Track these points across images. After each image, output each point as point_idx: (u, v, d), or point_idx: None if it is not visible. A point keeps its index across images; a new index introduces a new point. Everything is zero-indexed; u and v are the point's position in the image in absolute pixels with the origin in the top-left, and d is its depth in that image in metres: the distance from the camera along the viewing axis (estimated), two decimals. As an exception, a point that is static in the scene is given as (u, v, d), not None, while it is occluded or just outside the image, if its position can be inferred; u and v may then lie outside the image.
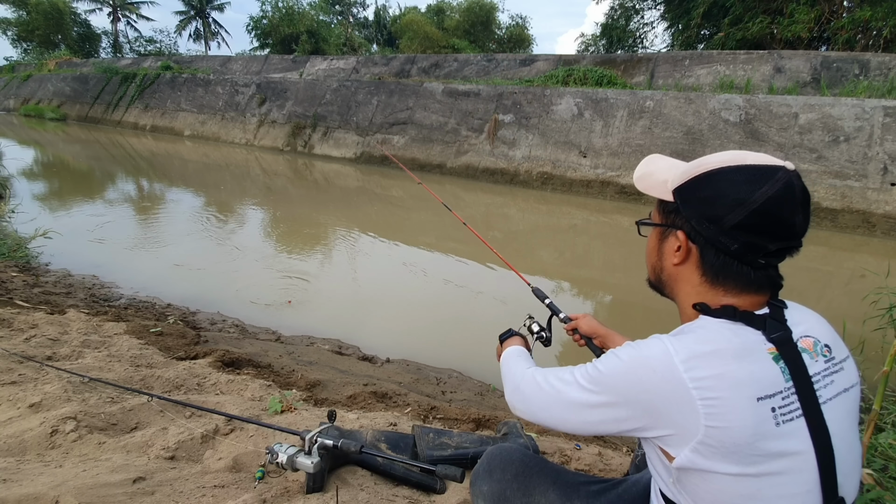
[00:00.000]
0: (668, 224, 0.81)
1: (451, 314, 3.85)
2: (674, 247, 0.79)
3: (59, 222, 5.68)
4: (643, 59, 10.84)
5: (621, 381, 0.73)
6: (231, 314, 3.51)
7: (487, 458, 1.03)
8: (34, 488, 1.19)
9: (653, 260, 0.87)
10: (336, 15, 30.67)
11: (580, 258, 5.78)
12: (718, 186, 0.72)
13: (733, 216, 0.70)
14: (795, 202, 0.69)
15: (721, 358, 0.68)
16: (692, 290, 0.78)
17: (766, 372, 0.68)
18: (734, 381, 0.66)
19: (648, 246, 0.88)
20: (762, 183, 0.69)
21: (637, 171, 0.90)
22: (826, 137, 7.32)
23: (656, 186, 0.83)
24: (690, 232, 0.76)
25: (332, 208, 7.69)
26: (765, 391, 0.66)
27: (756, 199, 0.68)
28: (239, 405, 1.85)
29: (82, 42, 33.90)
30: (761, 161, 0.71)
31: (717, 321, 0.73)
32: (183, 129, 15.85)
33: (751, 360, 0.68)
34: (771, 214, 0.69)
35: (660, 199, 0.83)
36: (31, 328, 2.45)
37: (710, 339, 0.70)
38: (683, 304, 0.81)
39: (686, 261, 0.78)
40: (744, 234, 0.70)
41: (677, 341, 0.71)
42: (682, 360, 0.68)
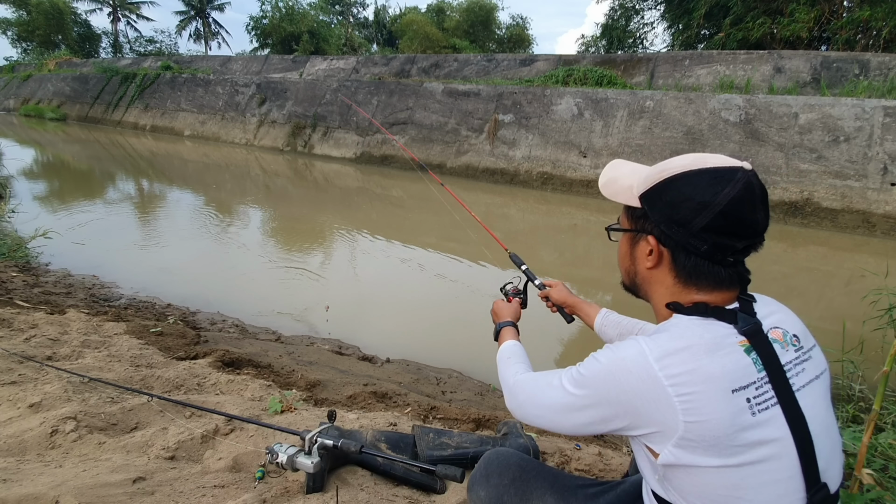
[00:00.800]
0: (638, 229, 0.83)
1: (451, 314, 3.85)
2: (645, 251, 0.81)
3: (59, 222, 5.68)
4: (643, 59, 10.84)
5: (602, 383, 0.75)
6: (231, 314, 3.51)
7: (484, 463, 1.03)
8: (34, 488, 1.19)
9: (626, 264, 0.89)
10: (336, 15, 30.68)
11: (580, 258, 5.78)
12: (682, 191, 0.74)
13: (700, 219, 0.72)
14: (756, 201, 0.72)
15: (693, 353, 0.69)
16: (665, 290, 0.80)
17: (738, 364, 0.69)
18: (707, 376, 0.68)
19: (620, 251, 0.90)
20: (723, 185, 0.71)
21: (602, 177, 0.92)
22: (826, 137, 7.32)
23: (622, 192, 0.85)
24: (660, 236, 0.78)
25: (332, 208, 7.69)
26: (738, 383, 0.68)
27: (720, 200, 0.71)
28: (239, 405, 1.85)
29: (82, 42, 33.88)
30: (720, 163, 0.74)
31: (689, 318, 0.75)
32: (183, 129, 15.85)
33: (722, 354, 0.70)
34: (734, 215, 0.71)
35: (627, 204, 0.85)
36: (31, 328, 2.44)
37: (682, 335, 0.72)
38: (658, 304, 0.83)
39: (659, 264, 0.80)
40: (712, 236, 0.72)
41: (651, 341, 0.73)
42: (656, 358, 0.70)
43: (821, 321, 3.82)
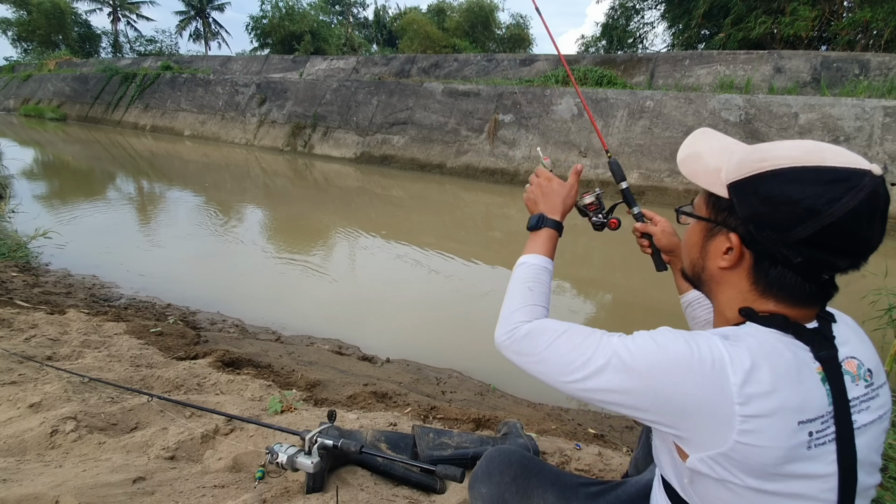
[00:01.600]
0: (719, 222, 0.70)
1: (451, 314, 3.85)
2: (722, 248, 0.70)
3: (59, 222, 5.68)
4: (643, 59, 10.84)
5: (656, 373, 0.64)
6: (231, 314, 3.51)
7: (486, 461, 1.01)
8: (34, 488, 1.19)
9: (693, 255, 0.77)
10: (336, 15, 30.69)
11: (580, 258, 5.78)
12: (787, 190, 0.61)
13: (802, 229, 0.60)
14: (876, 214, 0.59)
15: (774, 375, 0.61)
16: (737, 295, 0.70)
17: (814, 394, 0.62)
18: (782, 403, 0.60)
19: (689, 239, 0.78)
20: (843, 192, 0.58)
21: (683, 149, 0.78)
22: (826, 137, 7.32)
23: (706, 174, 0.72)
24: (746, 236, 0.67)
25: (332, 208, 7.69)
26: (807, 415, 0.61)
27: (833, 211, 0.58)
28: (239, 405, 1.85)
29: (83, 42, 33.89)
30: (843, 162, 0.60)
31: (768, 331, 0.65)
32: (183, 129, 15.85)
33: (802, 381, 0.62)
34: (847, 230, 0.59)
35: (708, 190, 0.72)
36: (31, 328, 2.45)
37: (764, 352, 0.63)
38: (723, 306, 0.73)
39: (736, 266, 0.69)
40: (811, 249, 0.61)
41: (731, 348, 0.63)
42: (735, 370, 0.61)
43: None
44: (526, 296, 0.86)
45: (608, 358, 0.68)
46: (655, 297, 4.35)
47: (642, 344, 0.67)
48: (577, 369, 0.70)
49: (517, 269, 0.92)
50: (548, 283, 0.90)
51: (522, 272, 0.91)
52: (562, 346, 0.74)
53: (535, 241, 0.96)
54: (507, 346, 0.81)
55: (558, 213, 1.02)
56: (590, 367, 0.69)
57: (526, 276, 0.90)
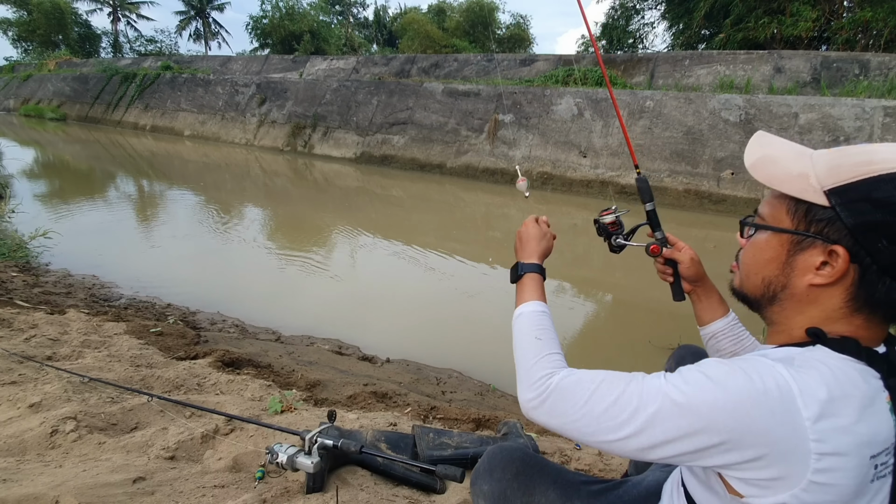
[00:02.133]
0: (816, 234, 0.62)
1: (451, 314, 3.85)
2: (815, 262, 0.62)
3: (59, 222, 5.68)
4: (643, 59, 10.84)
5: (720, 415, 0.57)
6: (231, 314, 3.51)
7: (488, 458, 1.01)
8: (34, 488, 1.19)
9: (768, 272, 0.68)
10: (336, 15, 30.69)
11: (580, 258, 5.78)
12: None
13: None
14: None
15: (849, 407, 0.56)
16: (820, 314, 0.63)
17: (884, 427, 0.58)
18: (857, 438, 0.55)
19: (761, 255, 0.70)
20: None
21: (752, 152, 0.71)
22: (826, 137, 7.32)
23: (790, 180, 0.65)
24: (853, 248, 0.59)
25: (332, 208, 7.69)
26: (876, 448, 0.57)
27: None
28: (239, 405, 1.85)
29: (83, 42, 33.89)
30: None
31: (840, 357, 0.60)
32: (183, 129, 15.85)
33: (874, 412, 0.57)
34: None
35: (795, 197, 0.65)
36: (31, 328, 2.45)
37: (838, 381, 0.57)
38: (790, 323, 0.67)
39: (834, 285, 0.62)
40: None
41: (799, 377, 0.57)
42: (808, 404, 0.55)
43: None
44: (537, 347, 0.79)
45: (660, 403, 0.60)
46: (656, 297, 4.35)
47: (695, 381, 0.60)
48: (626, 423, 0.62)
49: (515, 323, 0.87)
50: (551, 327, 0.84)
51: (522, 324, 0.85)
52: (602, 398, 0.65)
53: (521, 290, 0.93)
54: (538, 410, 0.71)
55: (535, 257, 0.99)
56: (640, 417, 0.61)
57: (528, 327, 0.84)
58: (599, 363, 3.12)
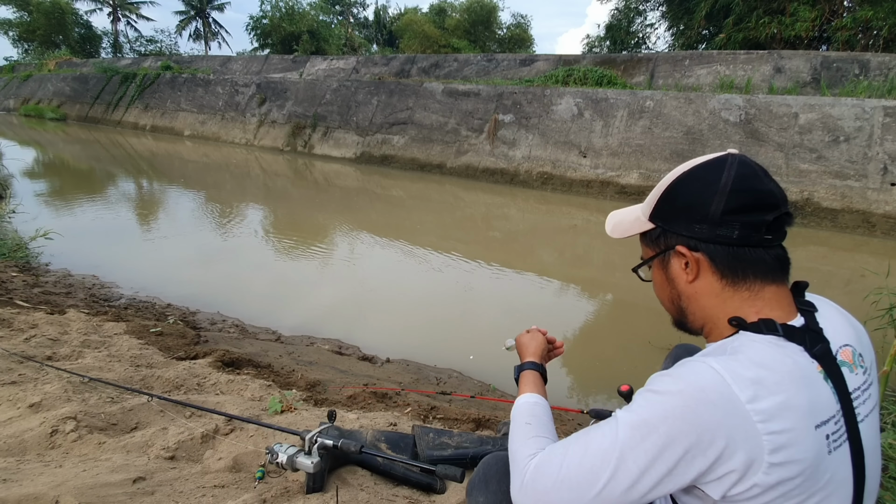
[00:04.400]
0: (664, 249, 0.78)
1: (451, 314, 3.85)
2: (680, 266, 0.75)
3: (59, 222, 5.68)
4: (643, 59, 10.84)
5: (675, 423, 0.60)
6: (231, 314, 3.51)
7: (483, 468, 1.00)
8: (34, 488, 1.19)
9: (667, 293, 0.81)
10: (336, 15, 30.70)
11: (580, 258, 5.78)
12: (689, 189, 0.73)
13: (717, 205, 0.69)
14: (759, 173, 0.70)
15: (780, 383, 0.60)
16: (715, 299, 0.73)
17: (821, 395, 0.62)
18: (797, 410, 0.59)
19: (656, 283, 0.83)
20: (721, 169, 0.71)
21: (607, 227, 0.90)
22: (826, 137, 7.32)
23: (630, 225, 0.84)
24: (688, 242, 0.73)
25: (332, 208, 7.69)
26: (821, 417, 0.61)
27: (725, 181, 0.69)
28: (239, 405, 1.85)
29: (83, 42, 33.90)
30: (706, 157, 0.74)
31: (762, 338, 0.66)
32: (183, 129, 15.85)
33: (807, 383, 0.62)
34: (746, 189, 0.69)
35: (642, 233, 0.82)
36: (31, 328, 2.45)
37: (764, 361, 0.62)
38: (715, 319, 0.74)
39: (699, 272, 0.73)
40: (737, 217, 0.69)
41: (728, 365, 0.62)
42: (742, 388, 0.59)
43: (821, 321, 3.80)
44: (525, 431, 0.82)
45: (621, 436, 0.63)
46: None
47: (642, 401, 0.65)
48: (600, 468, 0.64)
49: (511, 414, 0.90)
50: (544, 415, 0.86)
51: (517, 414, 0.88)
52: (573, 458, 0.67)
53: (522, 384, 0.98)
54: (524, 493, 0.71)
55: (530, 356, 1.06)
56: (610, 457, 0.63)
57: (520, 415, 0.87)
58: (600, 363, 3.13)
